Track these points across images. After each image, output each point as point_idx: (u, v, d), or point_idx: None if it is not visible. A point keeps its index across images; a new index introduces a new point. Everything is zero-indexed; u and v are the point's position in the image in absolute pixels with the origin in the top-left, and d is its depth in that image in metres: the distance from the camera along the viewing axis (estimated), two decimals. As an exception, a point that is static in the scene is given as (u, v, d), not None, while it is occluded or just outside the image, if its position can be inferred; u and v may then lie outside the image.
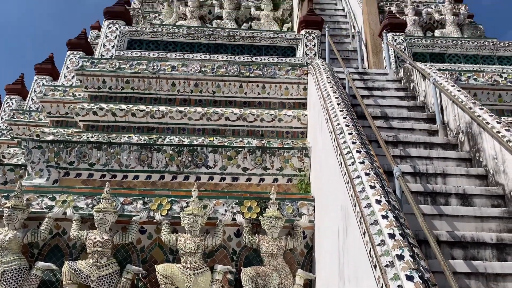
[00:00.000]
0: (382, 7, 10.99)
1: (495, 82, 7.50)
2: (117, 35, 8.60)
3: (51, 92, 7.86)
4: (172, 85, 7.53)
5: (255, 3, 11.30)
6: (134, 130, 7.00)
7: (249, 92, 7.62)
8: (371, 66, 9.17)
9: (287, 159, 6.24)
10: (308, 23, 9.07)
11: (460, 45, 8.99)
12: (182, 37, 8.85)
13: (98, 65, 7.47)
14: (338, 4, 12.41)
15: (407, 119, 6.21)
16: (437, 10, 11.06)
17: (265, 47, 9.07)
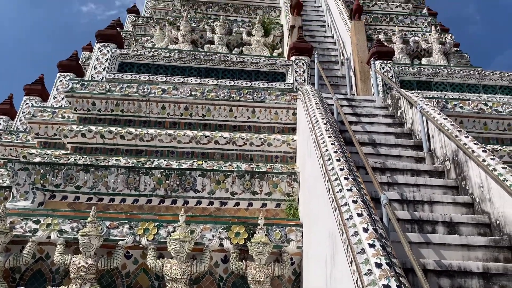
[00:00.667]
0: (371, 35, 11.22)
1: (480, 110, 7.64)
2: (108, 58, 8.64)
3: (40, 113, 7.82)
4: (162, 108, 7.55)
5: (246, 29, 11.46)
6: (123, 153, 6.97)
7: (239, 116, 7.66)
8: (359, 93, 9.30)
9: (276, 183, 6.24)
10: (298, 50, 9.21)
11: (447, 74, 9.19)
12: (174, 61, 8.92)
13: (88, 87, 7.48)
14: (328, 32, 12.65)
15: (395, 146, 6.27)
16: (424, 39, 11.33)
17: (255, 72, 9.17)
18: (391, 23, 12.32)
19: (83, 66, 13.14)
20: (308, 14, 13.48)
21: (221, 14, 12.47)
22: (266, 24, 11.60)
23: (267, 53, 11.06)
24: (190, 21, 11.26)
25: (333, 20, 12.39)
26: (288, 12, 11.75)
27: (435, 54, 10.97)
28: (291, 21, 11.09)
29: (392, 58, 9.37)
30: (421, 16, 12.68)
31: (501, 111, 7.65)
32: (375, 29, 11.67)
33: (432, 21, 12.84)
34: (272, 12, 12.88)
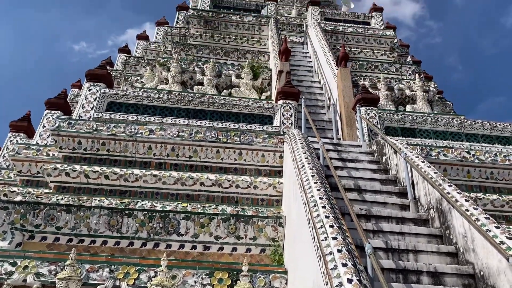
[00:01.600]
0: (356, 81, 11.50)
1: (463, 158, 7.78)
2: (97, 97, 8.68)
3: (24, 151, 7.74)
4: (149, 148, 7.53)
5: (235, 72, 11.68)
6: (106, 193, 6.87)
7: (226, 158, 7.68)
8: (345, 137, 9.43)
9: (261, 228, 6.17)
10: (285, 94, 9.38)
11: (430, 122, 9.40)
12: (162, 102, 8.99)
13: (75, 126, 7.46)
14: (315, 77, 12.94)
15: (380, 193, 6.31)
16: (408, 87, 11.64)
17: (243, 115, 9.27)
18: (376, 70, 12.68)
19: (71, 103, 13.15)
20: (296, 59, 13.83)
21: (211, 57, 12.71)
22: (255, 68, 11.85)
23: (255, 95, 11.23)
24: (180, 62, 11.45)
25: (320, 66, 12.71)
26: (277, 57, 12.04)
27: (419, 101, 11.25)
28: (280, 66, 11.35)
29: (377, 104, 9.58)
30: (405, 64, 13.10)
31: (483, 160, 7.80)
32: (360, 76, 11.99)
33: (416, 69, 13.26)
34: (261, 57, 13.19)
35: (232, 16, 14.53)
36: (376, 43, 14.13)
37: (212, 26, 14.35)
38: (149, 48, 15.23)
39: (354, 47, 14.15)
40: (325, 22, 15.02)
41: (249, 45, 14.25)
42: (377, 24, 15.44)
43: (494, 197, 7.27)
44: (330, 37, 14.32)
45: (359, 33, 14.30)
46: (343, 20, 15.64)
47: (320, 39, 13.48)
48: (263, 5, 16.67)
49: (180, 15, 16.95)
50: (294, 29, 16.43)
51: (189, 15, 14.36)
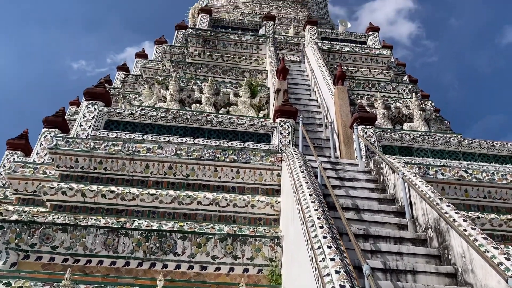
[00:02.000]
0: (353, 99, 11.57)
1: (461, 177, 7.78)
2: (95, 116, 8.69)
3: (21, 169, 7.71)
4: (146, 167, 7.52)
5: (233, 90, 11.75)
6: (103, 212, 6.83)
7: (223, 176, 7.66)
8: (343, 156, 9.44)
9: (259, 248, 6.13)
10: (283, 113, 9.42)
11: (427, 140, 9.43)
12: (160, 120, 9.00)
13: (72, 144, 7.45)
14: (312, 95, 13.01)
15: (378, 212, 6.29)
16: (405, 105, 11.71)
17: (241, 133, 9.28)
18: (373, 89, 12.77)
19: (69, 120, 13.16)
20: (293, 78, 13.92)
21: (209, 75, 12.79)
22: (253, 86, 11.92)
23: (253, 113, 11.28)
24: (179, 81, 11.52)
25: (317, 84, 12.79)
26: (275, 75, 12.12)
27: (416, 120, 11.31)
28: (277, 84, 11.41)
29: (374, 123, 9.62)
30: (402, 83, 13.20)
31: (481, 179, 7.80)
32: (358, 94, 12.06)
33: (413, 87, 13.35)
34: (259, 75, 13.27)
35: (231, 35, 14.67)
36: (373, 62, 14.25)
37: (210, 45, 14.47)
38: (147, 66, 15.32)
39: (351, 66, 14.27)
40: (322, 41, 15.18)
41: (247, 63, 14.36)
42: (373, 43, 15.61)
43: (492, 216, 7.25)
44: (327, 56, 14.45)
45: (356, 52, 14.44)
46: (340, 40, 15.81)
47: (317, 58, 13.60)
48: (261, 25, 16.86)
49: (179, 34, 17.10)
50: (291, 48, 16.59)
51: (188, 34, 14.50)
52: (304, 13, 21.12)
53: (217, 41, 14.52)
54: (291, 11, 21.12)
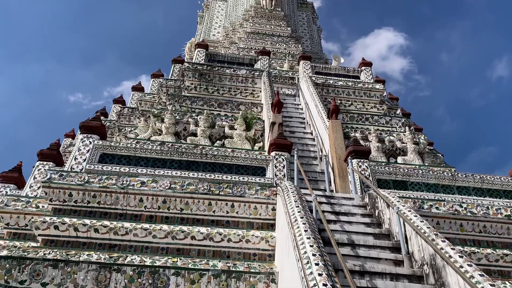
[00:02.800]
0: (348, 133, 11.66)
1: (456, 211, 7.78)
2: (90, 149, 8.68)
3: (13, 203, 7.64)
4: (140, 200, 7.47)
5: (229, 123, 11.83)
6: (95, 247, 6.73)
7: (218, 210, 7.61)
8: (338, 189, 9.43)
9: (253, 284, 6.03)
10: (278, 146, 9.46)
11: (421, 174, 9.46)
12: (155, 153, 9.01)
13: (66, 178, 7.41)
14: (307, 128, 13.12)
15: (373, 247, 6.23)
16: (398, 139, 11.81)
17: (236, 166, 9.28)
18: (367, 122, 12.90)
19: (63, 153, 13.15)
20: (288, 111, 14.06)
21: (205, 108, 12.90)
22: (248, 119, 12.02)
23: (248, 146, 11.32)
24: (174, 114, 11.60)
25: (312, 118, 12.92)
26: (270, 109, 12.25)
27: (410, 153, 11.38)
28: (272, 118, 11.52)
29: (368, 156, 9.66)
30: (395, 117, 13.36)
31: (475, 213, 7.80)
32: (352, 128, 12.17)
33: (406, 121, 13.50)
34: (254, 108, 13.40)
35: (226, 69, 14.90)
36: (366, 96, 14.46)
37: (206, 79, 14.67)
38: (143, 99, 15.45)
39: (344, 99, 14.46)
40: (316, 76, 15.42)
41: (243, 97, 14.53)
42: (366, 78, 15.88)
43: (488, 251, 7.21)
44: (321, 90, 14.65)
45: (349, 86, 14.66)
46: (334, 74, 16.07)
47: (312, 92, 13.79)
48: (256, 59, 17.16)
49: (175, 68, 17.35)
50: (286, 82, 16.82)
51: (184, 68, 14.71)
52: (298, 48, 21.55)
53: (213, 75, 14.73)
54: (285, 46, 21.55)
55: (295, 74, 17.05)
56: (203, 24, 26.77)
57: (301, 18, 27.45)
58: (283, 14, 24.28)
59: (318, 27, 29.09)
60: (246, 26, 22.98)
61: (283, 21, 23.73)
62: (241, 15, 24.45)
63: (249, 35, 22.02)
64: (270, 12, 23.98)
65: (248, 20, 23.52)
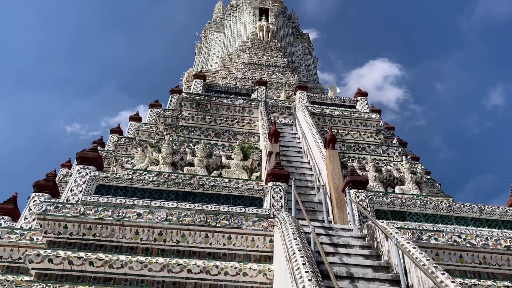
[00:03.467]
0: (345, 162, 11.67)
1: (455, 242, 7.71)
2: (86, 180, 8.64)
3: (7, 235, 7.54)
4: (136, 233, 7.38)
5: (226, 152, 11.84)
6: (90, 280, 6.61)
7: (215, 242, 7.52)
8: (336, 220, 9.36)
9: (250, 319, 5.90)
10: (275, 176, 9.43)
11: (419, 205, 9.42)
12: (152, 184, 8.96)
13: (62, 210, 7.34)
14: (304, 158, 13.13)
15: (373, 280, 6.14)
16: (396, 168, 11.82)
17: (233, 197, 9.23)
18: (364, 151, 12.93)
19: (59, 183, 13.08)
20: (285, 140, 14.11)
21: (202, 138, 12.93)
22: (245, 149, 12.03)
23: (245, 176, 11.29)
24: (171, 144, 11.61)
25: (309, 147, 12.95)
26: (267, 138, 12.29)
27: (407, 183, 11.37)
28: (269, 147, 11.54)
29: (366, 187, 9.63)
30: (392, 146, 13.40)
31: (475, 244, 7.73)
32: (349, 157, 12.19)
33: (403, 150, 13.54)
34: (251, 138, 13.45)
35: (224, 99, 15.03)
36: (362, 125, 14.56)
37: (204, 109, 14.77)
38: (141, 129, 15.49)
39: (341, 129, 14.55)
40: (313, 106, 15.57)
41: (240, 126, 14.60)
42: (362, 108, 16.03)
43: (489, 283, 7.12)
44: (318, 119, 14.76)
45: (345, 116, 14.78)
46: (330, 104, 16.23)
47: (308, 121, 13.88)
48: (253, 89, 17.35)
49: (173, 98, 17.50)
50: (283, 111, 16.96)
51: (182, 98, 14.83)
52: (294, 78, 21.83)
53: (211, 105, 14.85)
54: (282, 76, 21.84)
55: (292, 103, 17.21)
56: (201, 55, 27.17)
57: (297, 49, 27.94)
58: (280, 45, 24.70)
59: (314, 58, 29.59)
60: (243, 56, 23.33)
61: (279, 52, 24.12)
62: (238, 46, 24.86)
63: (246, 66, 22.33)
64: (267, 43, 24.40)
65: (245, 51, 23.90)
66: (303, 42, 28.86)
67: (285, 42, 26.81)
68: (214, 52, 26.14)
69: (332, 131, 12.54)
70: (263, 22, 25.49)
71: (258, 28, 25.16)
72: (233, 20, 28.23)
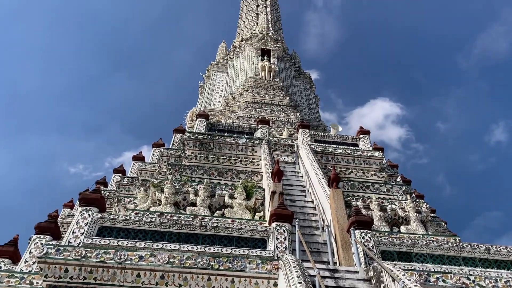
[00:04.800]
0: (349, 201, 11.57)
1: (463, 284, 7.52)
2: (88, 222, 8.56)
3: (7, 279, 7.43)
4: (137, 276, 7.26)
5: (229, 192, 11.79)
6: (89, 327, 6.43)
7: (217, 286, 7.39)
8: (341, 261, 9.17)
9: None
10: (279, 217, 9.34)
11: (426, 245, 9.24)
12: (154, 226, 8.86)
13: (63, 252, 7.25)
14: (308, 196, 13.03)
15: (380, 326, 5.95)
16: (400, 207, 11.70)
17: (236, 238, 9.10)
18: (368, 190, 12.85)
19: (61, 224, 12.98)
20: (288, 179, 14.05)
21: (205, 177, 12.90)
22: (248, 188, 11.98)
23: (248, 216, 11.18)
24: (174, 183, 11.58)
25: (312, 186, 12.88)
26: (270, 177, 12.25)
27: (412, 222, 11.22)
28: (272, 187, 11.49)
29: (371, 227, 9.49)
30: (396, 185, 13.33)
31: (484, 286, 7.53)
32: (353, 196, 12.10)
33: (407, 189, 13.45)
34: (254, 177, 13.41)
35: (227, 138, 15.11)
36: (366, 163, 14.54)
37: (207, 148, 14.83)
38: (144, 169, 15.50)
39: (344, 167, 14.52)
40: (315, 144, 15.60)
41: (243, 165, 14.60)
42: (365, 146, 16.05)
43: (501, 328, 6.88)
44: (321, 158, 14.76)
45: (348, 154, 14.79)
46: (332, 142, 16.27)
47: (311, 160, 13.87)
48: (256, 128, 17.48)
49: (176, 137, 17.60)
50: (285, 149, 16.98)
51: (185, 137, 14.93)
52: (296, 116, 22.03)
53: (214, 144, 14.91)
54: (284, 115, 22.05)
55: (295, 141, 17.27)
56: (204, 94, 27.58)
57: (299, 88, 28.34)
58: (281, 84, 25.07)
59: (316, 96, 29.97)
60: (246, 96, 23.64)
61: (281, 91, 24.46)
62: (241, 85, 25.24)
63: (249, 105, 22.59)
64: (269, 83, 24.78)
65: (247, 90, 24.24)
66: (304, 81, 29.31)
67: (287, 81, 27.23)
68: (217, 91, 26.55)
69: (335, 169, 12.52)
70: (265, 62, 26.00)
71: (260, 68, 25.64)
72: (235, 60, 28.81)
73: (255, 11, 32.99)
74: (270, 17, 31.92)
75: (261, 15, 32.23)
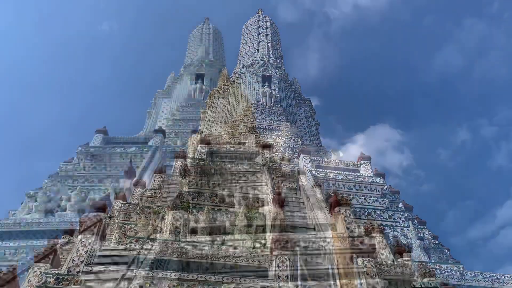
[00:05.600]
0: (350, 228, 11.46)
1: (468, 314, 7.39)
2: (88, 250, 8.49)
3: (4, 309, 7.28)
4: (137, 306, 7.13)
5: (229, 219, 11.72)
6: None
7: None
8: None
9: None
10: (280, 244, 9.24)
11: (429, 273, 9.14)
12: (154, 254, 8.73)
13: (62, 282, 7.16)
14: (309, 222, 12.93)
15: None
16: (402, 234, 11.63)
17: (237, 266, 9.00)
18: (369, 217, 12.79)
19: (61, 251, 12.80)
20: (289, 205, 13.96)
21: (206, 204, 12.81)
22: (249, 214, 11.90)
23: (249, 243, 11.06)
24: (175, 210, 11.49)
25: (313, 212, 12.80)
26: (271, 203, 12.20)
27: (415, 249, 11.14)
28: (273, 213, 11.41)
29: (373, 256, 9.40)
30: (398, 211, 13.28)
31: (490, 317, 7.41)
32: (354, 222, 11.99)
33: (409, 215, 13.39)
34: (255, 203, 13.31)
35: (228, 164, 15.11)
36: (367, 189, 14.52)
37: (207, 174, 14.78)
38: (145, 195, 15.39)
39: (345, 193, 14.47)
40: (316, 169, 15.63)
41: (244, 191, 14.51)
42: (366, 172, 16.05)
43: None
44: (322, 184, 14.72)
45: (349, 180, 14.79)
46: (333, 168, 16.28)
47: (312, 185, 13.84)
48: (257, 153, 17.48)
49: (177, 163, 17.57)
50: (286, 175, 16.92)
51: (186, 163, 14.92)
52: (297, 142, 22.10)
53: (215, 170, 14.88)
54: (285, 140, 22.11)
55: (296, 167, 17.26)
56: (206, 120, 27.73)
57: (299, 113, 28.53)
58: (282, 110, 25.25)
59: (316, 121, 30.13)
60: (247, 121, 23.73)
61: (282, 116, 24.61)
62: (242, 111, 25.39)
63: (250, 130, 22.66)
64: (270, 108, 24.98)
65: (249, 115, 24.36)
66: (305, 107, 29.53)
67: (288, 107, 27.43)
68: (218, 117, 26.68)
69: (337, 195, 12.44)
70: (266, 88, 26.28)
71: (261, 94, 25.90)
72: (237, 86, 29.08)
73: (256, 38, 33.52)
74: (270, 44, 32.39)
75: (261, 42, 32.72)
